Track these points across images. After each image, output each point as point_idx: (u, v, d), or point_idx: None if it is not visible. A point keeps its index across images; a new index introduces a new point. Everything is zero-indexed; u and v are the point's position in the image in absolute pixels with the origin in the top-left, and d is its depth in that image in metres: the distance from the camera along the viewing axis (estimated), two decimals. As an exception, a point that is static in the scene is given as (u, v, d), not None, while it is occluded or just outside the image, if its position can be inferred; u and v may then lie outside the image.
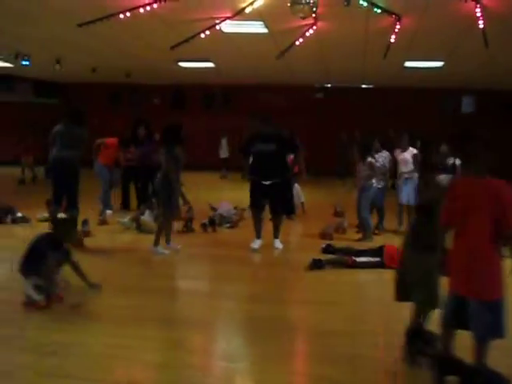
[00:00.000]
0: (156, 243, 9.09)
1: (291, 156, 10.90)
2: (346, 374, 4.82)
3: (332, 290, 7.48)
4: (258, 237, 9.81)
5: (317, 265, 8.46)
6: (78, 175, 9.56)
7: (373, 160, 10.71)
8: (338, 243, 9.91)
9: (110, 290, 7.07)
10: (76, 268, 6.80)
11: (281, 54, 15.50)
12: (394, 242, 9.30)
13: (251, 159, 9.74)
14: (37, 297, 6.22)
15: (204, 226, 11.11)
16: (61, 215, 10.30)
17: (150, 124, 13.22)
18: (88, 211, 11.05)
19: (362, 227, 10.79)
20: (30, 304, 6.22)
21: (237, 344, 5.62)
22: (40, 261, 6.34)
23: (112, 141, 12.92)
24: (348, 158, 20.68)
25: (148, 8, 11.39)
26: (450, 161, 11.46)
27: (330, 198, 15.16)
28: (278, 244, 9.80)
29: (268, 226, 10.04)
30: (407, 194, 11.48)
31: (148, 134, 13.02)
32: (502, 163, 7.58)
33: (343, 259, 8.70)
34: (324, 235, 10.80)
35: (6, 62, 19.03)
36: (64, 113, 9.78)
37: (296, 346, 5.78)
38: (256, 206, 9.68)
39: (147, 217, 11.02)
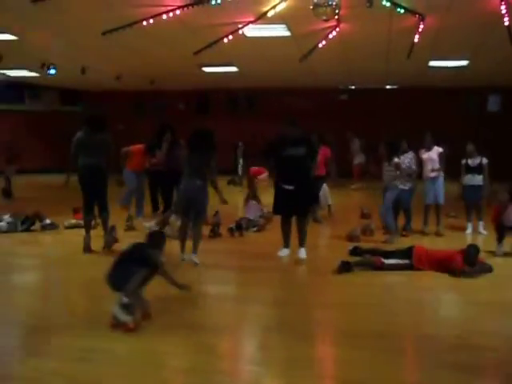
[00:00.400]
0: (195, 250, 8.85)
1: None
2: (376, 379, 4.78)
3: (361, 293, 7.42)
4: (286, 246, 9.42)
5: (345, 267, 8.39)
6: (106, 181, 9.65)
7: (399, 160, 10.64)
8: (366, 245, 9.84)
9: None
10: (167, 276, 6.35)
11: (304, 56, 15.50)
12: (422, 243, 9.24)
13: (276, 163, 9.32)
14: (125, 317, 5.72)
15: (231, 230, 11.10)
16: (152, 226, 10.54)
17: (174, 129, 13.26)
18: (114, 218, 11.13)
19: (386, 228, 10.74)
20: (117, 326, 5.73)
21: (265, 348, 5.60)
22: (128, 276, 5.88)
23: (138, 148, 12.99)
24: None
25: (171, 14, 11.48)
26: (477, 160, 11.36)
27: (356, 200, 15.07)
28: (303, 253, 9.21)
29: (295, 234, 9.92)
30: (434, 193, 11.40)
31: (174, 138, 13.05)
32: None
33: (371, 261, 8.63)
34: (351, 238, 10.73)
35: (33, 71, 19.30)
36: (84, 120, 9.85)
37: (325, 349, 5.74)
38: (279, 212, 9.37)
39: (174, 220, 11.03)
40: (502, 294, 7.30)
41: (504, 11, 10.89)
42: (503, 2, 10.53)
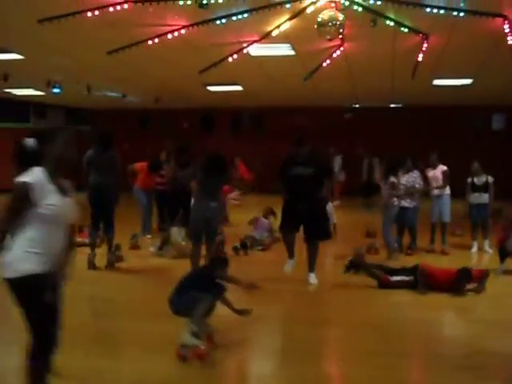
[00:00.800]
0: None
1: None
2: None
3: (367, 312, 7.40)
4: (291, 257, 9.32)
5: (353, 266, 8.49)
6: (115, 199, 9.73)
7: (395, 180, 10.66)
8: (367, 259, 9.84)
9: (141, 316, 7.08)
10: (228, 304, 6.31)
11: (308, 75, 15.55)
12: (426, 261, 9.20)
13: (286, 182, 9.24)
14: (196, 341, 5.52)
15: (236, 249, 11.09)
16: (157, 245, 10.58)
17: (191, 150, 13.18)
18: (120, 236, 11.15)
19: (386, 246, 10.76)
20: (184, 356, 5.48)
21: (273, 366, 5.58)
22: (195, 302, 5.77)
23: (141, 165, 13.04)
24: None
25: (176, 34, 11.54)
26: (483, 178, 11.36)
27: (361, 219, 15.03)
28: (313, 279, 9.06)
29: (300, 245, 9.87)
30: (438, 211, 11.41)
31: (187, 159, 12.92)
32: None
33: (378, 273, 8.63)
34: (356, 256, 10.71)
35: (38, 90, 19.40)
36: (94, 138, 9.92)
37: (334, 368, 5.72)
38: (287, 229, 9.25)
39: (176, 235, 11.00)
40: (506, 313, 7.26)
41: (507, 30, 10.92)
42: (506, 22, 10.56)
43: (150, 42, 12.11)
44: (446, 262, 9.93)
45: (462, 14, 10.14)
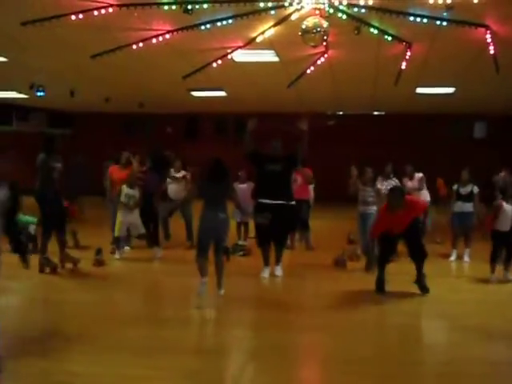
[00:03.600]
0: (220, 285, 8.48)
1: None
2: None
3: (347, 318, 7.41)
4: (266, 264, 9.74)
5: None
6: (59, 207, 9.81)
7: (380, 187, 10.71)
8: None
9: (121, 320, 7.05)
10: None
11: (292, 82, 15.60)
12: (406, 268, 9.21)
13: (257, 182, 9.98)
14: None
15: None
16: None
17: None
18: (102, 240, 11.12)
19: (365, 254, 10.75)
20: None
21: (249, 372, 5.57)
22: None
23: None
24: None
25: (160, 38, 11.53)
26: (468, 188, 11.35)
27: (343, 226, 15.04)
28: (279, 271, 9.73)
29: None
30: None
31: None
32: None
33: None
34: (337, 262, 10.75)
35: (22, 93, 19.30)
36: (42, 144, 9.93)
37: (313, 373, 5.72)
38: (263, 240, 9.72)
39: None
40: (486, 320, 7.30)
41: (489, 40, 11.04)
42: (488, 32, 10.67)
43: (134, 47, 12.10)
44: (424, 269, 9.97)
45: (444, 23, 10.24)
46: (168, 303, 8.15)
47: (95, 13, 9.90)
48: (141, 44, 11.94)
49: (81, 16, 10.03)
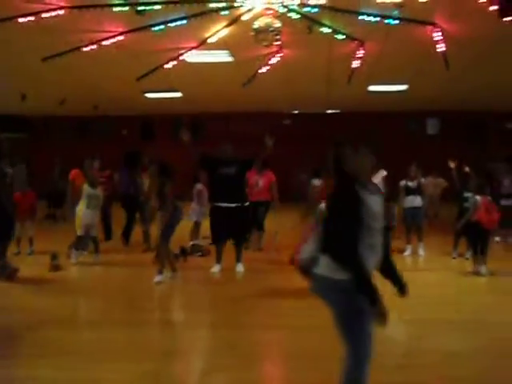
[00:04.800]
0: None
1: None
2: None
3: (304, 315, 7.47)
4: (218, 261, 9.99)
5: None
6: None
7: (318, 183, 10.84)
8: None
9: (80, 324, 7.01)
10: None
11: (247, 81, 15.64)
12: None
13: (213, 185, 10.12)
14: None
15: (175, 256, 11.01)
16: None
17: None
18: (59, 245, 11.00)
19: None
20: None
21: (206, 372, 5.58)
22: None
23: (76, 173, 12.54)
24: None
25: (113, 40, 11.46)
26: (416, 183, 11.53)
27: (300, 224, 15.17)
28: (240, 267, 9.96)
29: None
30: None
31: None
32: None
33: None
34: (293, 261, 10.79)
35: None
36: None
37: (272, 371, 5.77)
38: (220, 238, 9.95)
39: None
40: (443, 313, 7.44)
41: (438, 38, 11.24)
42: (437, 29, 10.87)
43: (86, 49, 11.99)
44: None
45: (394, 22, 10.41)
46: (124, 306, 8.09)
47: (45, 15, 9.78)
48: (93, 46, 11.84)
49: (31, 18, 9.90)
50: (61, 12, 9.70)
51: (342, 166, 3.87)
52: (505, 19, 8.21)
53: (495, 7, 8.61)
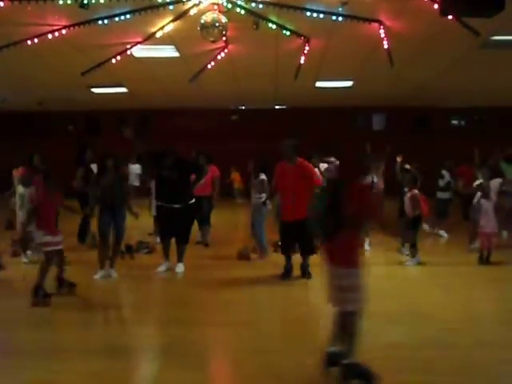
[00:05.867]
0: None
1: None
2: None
3: (245, 311, 7.52)
4: (167, 258, 10.07)
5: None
6: None
7: (264, 178, 10.90)
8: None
9: (27, 324, 6.90)
10: None
11: (193, 77, 15.57)
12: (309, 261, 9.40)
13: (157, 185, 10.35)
14: None
15: (121, 253, 10.90)
16: None
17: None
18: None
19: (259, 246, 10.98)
20: None
21: (155, 370, 5.56)
22: None
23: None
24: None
25: (57, 34, 11.25)
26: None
27: (245, 219, 15.21)
28: (181, 267, 9.93)
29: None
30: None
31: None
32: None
33: None
34: (241, 256, 10.86)
35: None
36: None
37: (215, 366, 5.78)
38: (165, 236, 10.07)
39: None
40: (386, 306, 7.56)
41: (383, 35, 11.40)
42: (382, 27, 11.01)
43: (29, 43, 11.73)
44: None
45: (340, 19, 10.50)
46: (70, 305, 7.97)
47: (-15, 8, 9.54)
48: (36, 40, 11.59)
49: (-31, 11, 9.65)
50: (1, 4, 9.46)
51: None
52: (446, 17, 8.38)
53: (436, 6, 8.79)
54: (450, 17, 8.55)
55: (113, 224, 9.42)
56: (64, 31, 11.17)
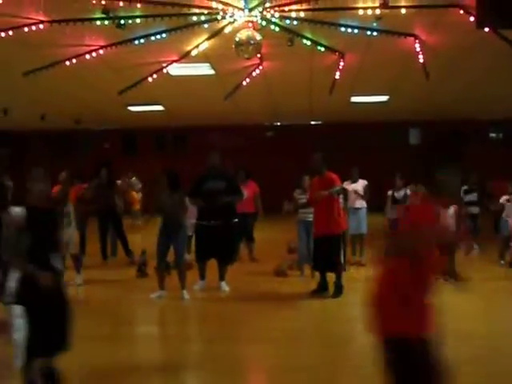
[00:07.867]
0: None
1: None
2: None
3: (285, 328, 7.48)
4: (202, 278, 9.92)
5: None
6: None
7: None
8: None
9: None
10: None
11: (229, 94, 15.66)
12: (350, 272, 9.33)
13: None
14: None
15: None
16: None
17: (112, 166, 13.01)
18: None
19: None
20: None
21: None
22: None
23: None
24: None
25: (94, 54, 11.44)
26: (402, 192, 11.69)
27: (284, 235, 15.16)
28: (225, 286, 9.77)
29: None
30: (356, 224, 11.60)
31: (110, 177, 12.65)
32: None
33: None
34: (278, 273, 10.84)
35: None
36: None
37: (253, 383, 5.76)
38: (203, 258, 9.82)
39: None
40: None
41: (418, 49, 11.33)
42: (417, 41, 10.96)
43: (67, 63, 11.95)
44: (363, 273, 10.19)
45: (375, 34, 10.48)
46: (108, 322, 8.03)
47: (26, 29, 9.75)
48: (74, 60, 11.80)
49: (10, 33, 9.86)
50: (41, 26, 9.67)
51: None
52: (483, 29, 8.30)
53: (472, 18, 8.70)
54: (486, 29, 8.45)
55: (172, 245, 9.27)
56: (101, 51, 11.35)
